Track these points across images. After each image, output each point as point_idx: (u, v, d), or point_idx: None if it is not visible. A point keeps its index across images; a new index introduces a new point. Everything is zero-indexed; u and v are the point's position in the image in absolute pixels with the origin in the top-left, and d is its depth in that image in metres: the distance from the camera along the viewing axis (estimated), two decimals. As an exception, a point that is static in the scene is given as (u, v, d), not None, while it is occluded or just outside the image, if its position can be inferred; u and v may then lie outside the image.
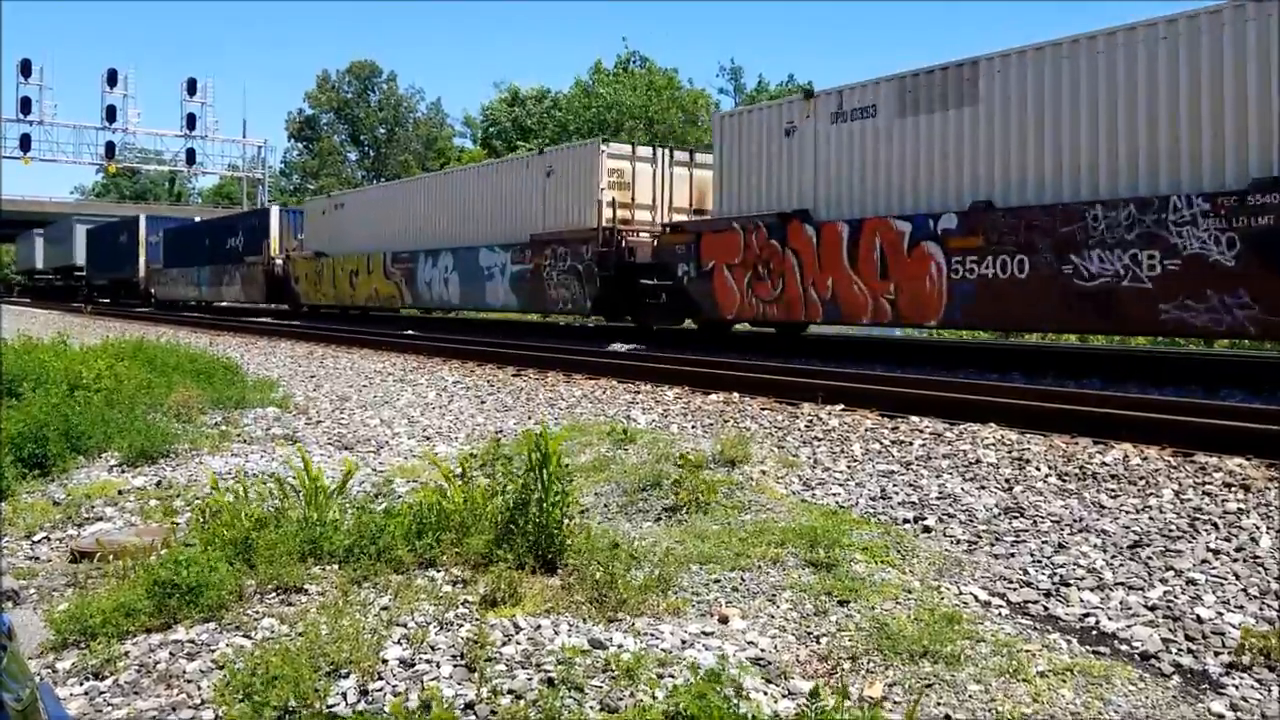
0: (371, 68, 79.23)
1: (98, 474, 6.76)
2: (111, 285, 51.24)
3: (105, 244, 52.13)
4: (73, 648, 3.71)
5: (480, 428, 8.74)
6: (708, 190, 17.64)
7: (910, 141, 12.94)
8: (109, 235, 52.09)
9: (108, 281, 51.31)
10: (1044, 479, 5.97)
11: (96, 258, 53.85)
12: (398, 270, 25.31)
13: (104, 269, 52.17)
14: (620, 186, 18.40)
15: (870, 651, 3.51)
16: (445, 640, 3.49)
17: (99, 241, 53.67)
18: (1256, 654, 3.53)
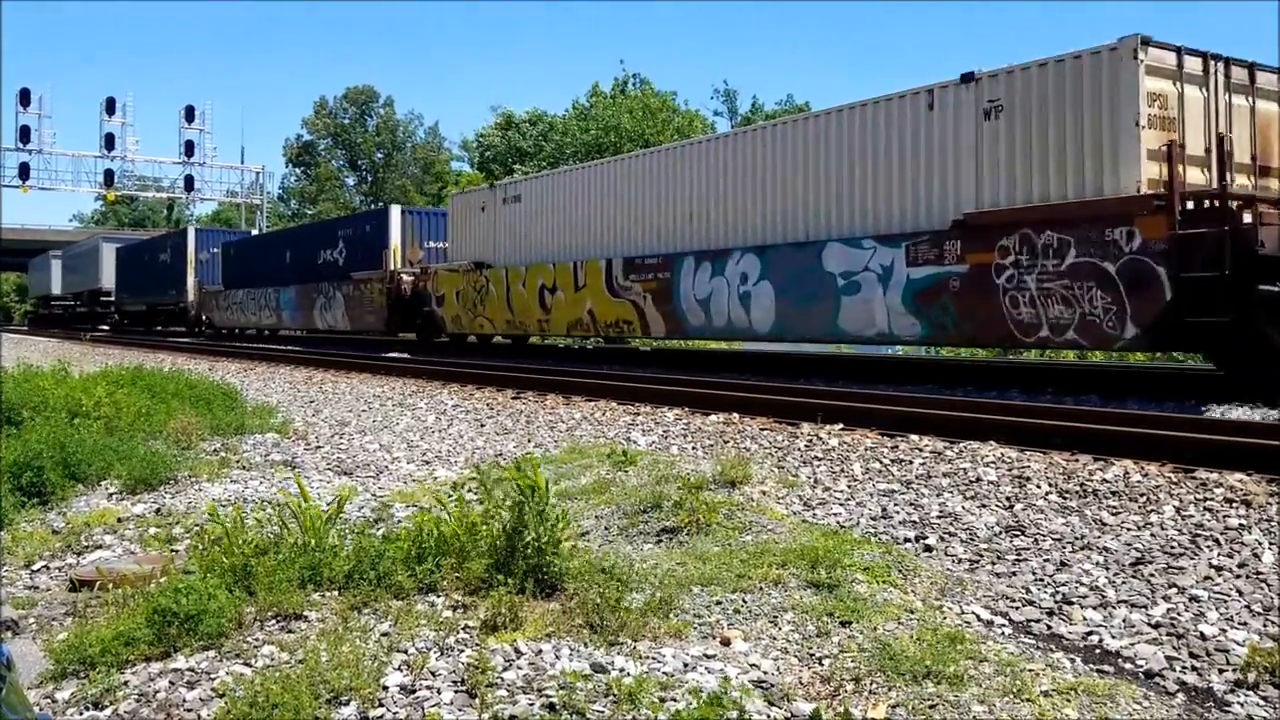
0: (369, 93, 79.58)
1: (97, 502, 6.75)
2: (148, 312, 45.24)
3: (140, 264, 45.96)
4: (72, 677, 3.69)
5: (480, 451, 8.72)
6: (1274, 137, 11.65)
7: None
8: (145, 254, 46.00)
9: (144, 307, 45.29)
10: (1045, 497, 5.96)
11: (129, 280, 47.91)
12: (635, 283, 17.49)
13: (139, 293, 46.11)
14: (1164, 124, 10.70)
15: (873, 672, 3.50)
16: (446, 666, 3.48)
17: (132, 262, 47.64)
18: (1262, 671, 3.51)
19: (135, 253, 48.27)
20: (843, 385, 12.26)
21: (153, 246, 45.85)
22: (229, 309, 36.80)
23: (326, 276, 28.75)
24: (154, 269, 43.63)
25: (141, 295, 45.79)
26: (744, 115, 56.60)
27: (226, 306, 36.90)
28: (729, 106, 58.77)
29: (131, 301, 47.63)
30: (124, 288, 48.78)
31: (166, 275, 41.97)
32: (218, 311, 37.91)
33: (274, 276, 32.41)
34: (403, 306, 24.78)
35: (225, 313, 37.19)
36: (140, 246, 48.80)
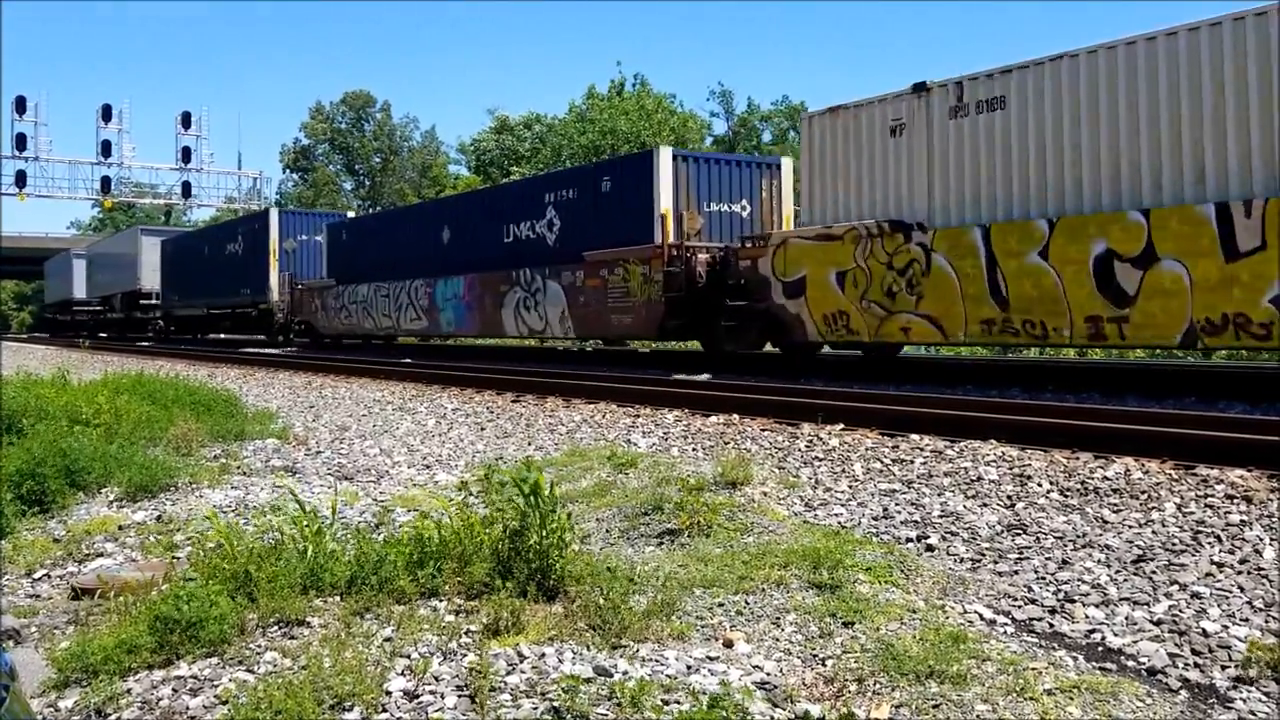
0: (365, 98, 79.60)
1: (98, 509, 6.74)
2: (207, 318, 37.57)
3: (195, 258, 38.25)
4: (75, 686, 3.69)
5: (480, 455, 8.72)
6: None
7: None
8: (203, 246, 37.91)
9: (203, 311, 37.45)
10: (1046, 495, 5.96)
11: (179, 279, 40.16)
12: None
13: (194, 293, 38.28)
14: None
15: (876, 673, 3.50)
16: (449, 671, 3.47)
17: (183, 256, 40.04)
18: (1263, 667, 3.51)
19: (188, 245, 40.57)
20: (843, 385, 12.26)
21: (214, 236, 37.86)
22: (342, 311, 27.80)
23: (525, 260, 20.26)
24: (217, 264, 35.65)
25: (198, 297, 37.84)
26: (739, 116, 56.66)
27: (338, 308, 27.88)
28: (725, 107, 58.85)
29: (183, 305, 39.91)
30: (173, 288, 41.00)
31: (236, 270, 33.79)
32: (323, 314, 28.92)
33: (420, 264, 24.12)
34: (691, 301, 16.28)
35: (336, 316, 28.07)
36: (195, 237, 40.98)
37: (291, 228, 32.29)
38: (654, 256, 16.82)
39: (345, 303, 27.99)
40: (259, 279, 32.19)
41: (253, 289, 32.71)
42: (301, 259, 32.12)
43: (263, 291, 31.90)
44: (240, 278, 33.64)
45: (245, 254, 33.60)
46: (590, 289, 18.50)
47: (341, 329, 28.75)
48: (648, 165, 17.46)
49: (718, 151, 21.31)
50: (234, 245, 34.59)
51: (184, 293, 39.88)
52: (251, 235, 33.16)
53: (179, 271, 40.50)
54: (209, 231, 41.02)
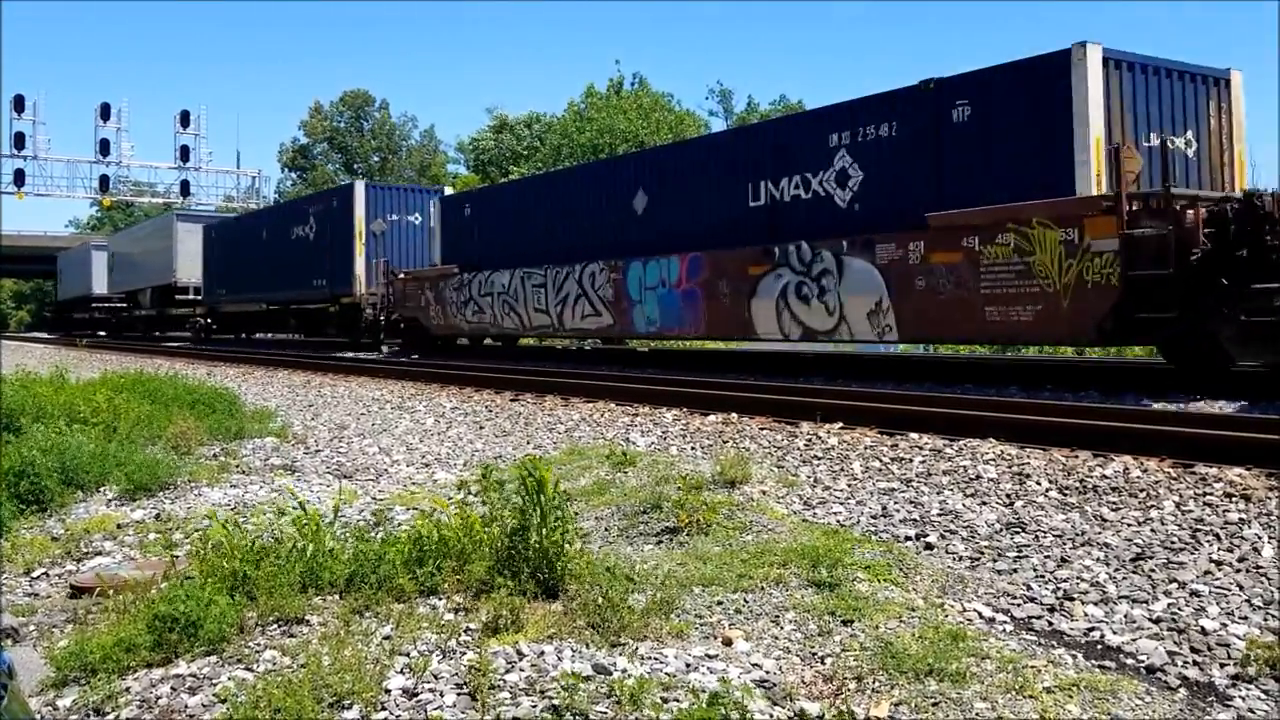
0: (364, 97, 79.58)
1: (96, 508, 6.74)
2: (267, 315, 32.42)
3: (250, 246, 32.63)
4: (73, 685, 3.68)
5: (479, 453, 8.72)
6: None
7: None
8: (260, 231, 32.32)
9: (261, 307, 32.36)
10: (1045, 493, 5.97)
11: (227, 271, 34.81)
12: None
13: (249, 287, 32.83)
14: None
15: (875, 671, 3.50)
16: (448, 669, 3.47)
17: (233, 244, 34.67)
18: (1262, 664, 3.52)
19: (239, 231, 34.84)
20: (841, 384, 12.26)
21: (275, 219, 32.31)
22: (468, 305, 21.76)
23: (794, 230, 14.33)
24: (279, 251, 30.26)
25: (252, 290, 32.53)
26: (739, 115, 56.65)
27: (462, 301, 21.96)
28: (724, 106, 58.86)
29: (231, 300, 34.63)
30: (218, 281, 35.64)
31: (307, 258, 28.38)
32: (437, 310, 22.81)
33: (598, 243, 18.34)
34: (1181, 284, 10.09)
35: (459, 311, 22.07)
36: (248, 222, 35.41)
37: (380, 205, 26.65)
38: (1090, 214, 10.75)
39: (473, 295, 21.67)
40: (340, 268, 26.45)
41: (331, 280, 26.98)
42: (392, 244, 26.56)
43: (345, 283, 26.21)
44: (312, 267, 28.02)
45: (319, 238, 27.90)
46: (941, 268, 12.31)
47: (466, 328, 22.48)
48: (1057, 74, 11.35)
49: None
50: (303, 228, 28.87)
51: (233, 286, 34.23)
52: (328, 216, 27.42)
53: (226, 262, 34.90)
54: (267, 214, 35.37)
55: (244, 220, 37.32)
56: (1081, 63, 11.12)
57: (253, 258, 32.69)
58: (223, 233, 36.61)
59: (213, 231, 37.31)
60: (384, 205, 26.94)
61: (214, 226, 37.75)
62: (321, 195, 31.54)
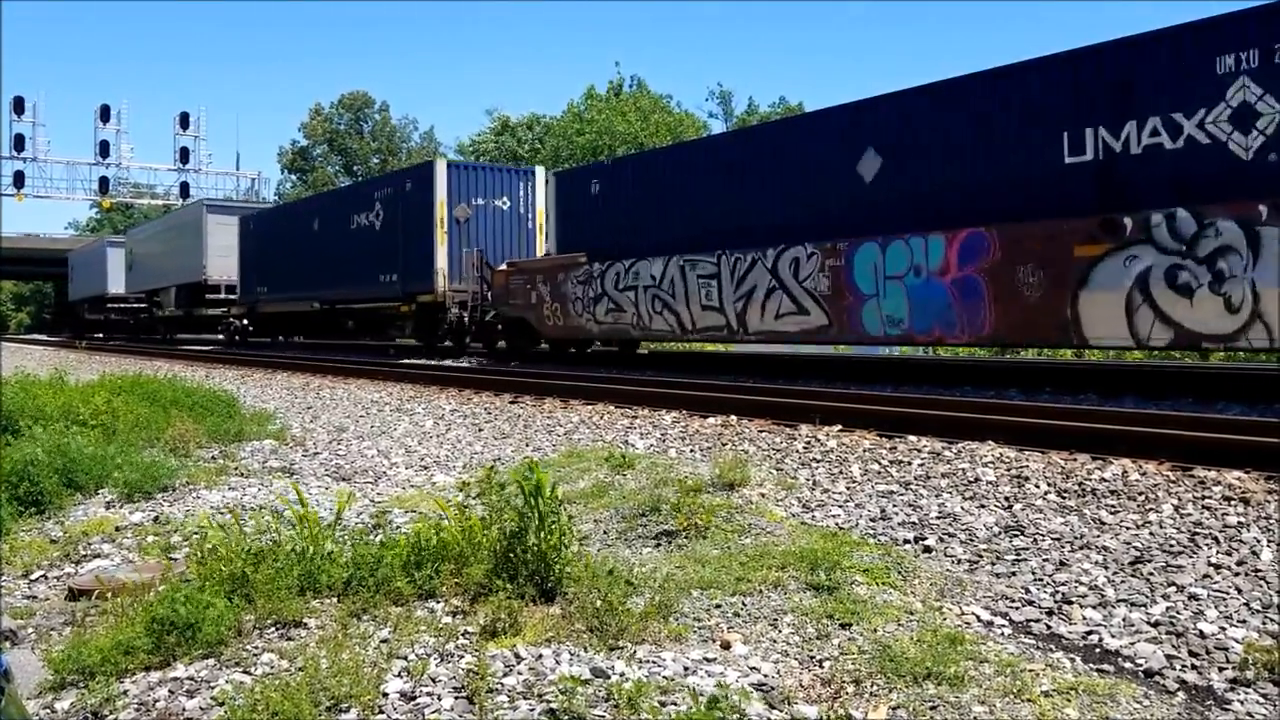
0: (364, 99, 79.64)
1: (94, 510, 6.73)
2: (317, 315, 28.58)
3: (299, 237, 28.92)
4: (71, 687, 3.68)
5: (478, 456, 8.72)
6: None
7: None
8: (312, 220, 28.60)
9: (314, 306, 28.07)
10: (1043, 496, 5.97)
11: (268, 266, 31.14)
12: None
13: (294, 284, 29.13)
14: None
15: (874, 674, 3.50)
16: (446, 672, 3.47)
17: (276, 236, 30.78)
18: (1261, 668, 3.52)
19: (284, 222, 31.03)
20: (840, 386, 12.27)
21: (331, 206, 28.47)
22: (599, 302, 17.86)
23: (1193, 193, 10.15)
24: (336, 243, 26.75)
25: (302, 288, 28.59)
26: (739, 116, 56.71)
27: (591, 298, 18.05)
28: (724, 109, 58.91)
29: (275, 299, 30.70)
30: (259, 278, 31.74)
31: (373, 250, 24.82)
32: (554, 309, 18.89)
33: (803, 222, 14.31)
34: None
35: (585, 310, 18.14)
36: (296, 211, 31.32)
37: (463, 188, 22.65)
38: None
39: (608, 289, 17.74)
40: (416, 261, 22.80)
41: (404, 275, 23.30)
42: (477, 232, 22.71)
43: (423, 278, 22.41)
44: (378, 260, 24.40)
45: (388, 227, 24.34)
46: None
47: (596, 330, 18.24)
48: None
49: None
50: (366, 216, 25.25)
51: (275, 283, 30.41)
52: (400, 201, 23.79)
53: (267, 257, 31.16)
54: (321, 201, 31.18)
55: (290, 209, 33.05)
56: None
57: (300, 251, 28.77)
58: (263, 224, 32.43)
59: (250, 223, 33.03)
60: (467, 187, 22.82)
61: (252, 217, 33.52)
62: (391, 177, 26.81)
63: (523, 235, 23.52)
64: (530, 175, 24.19)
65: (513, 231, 23.49)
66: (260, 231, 32.44)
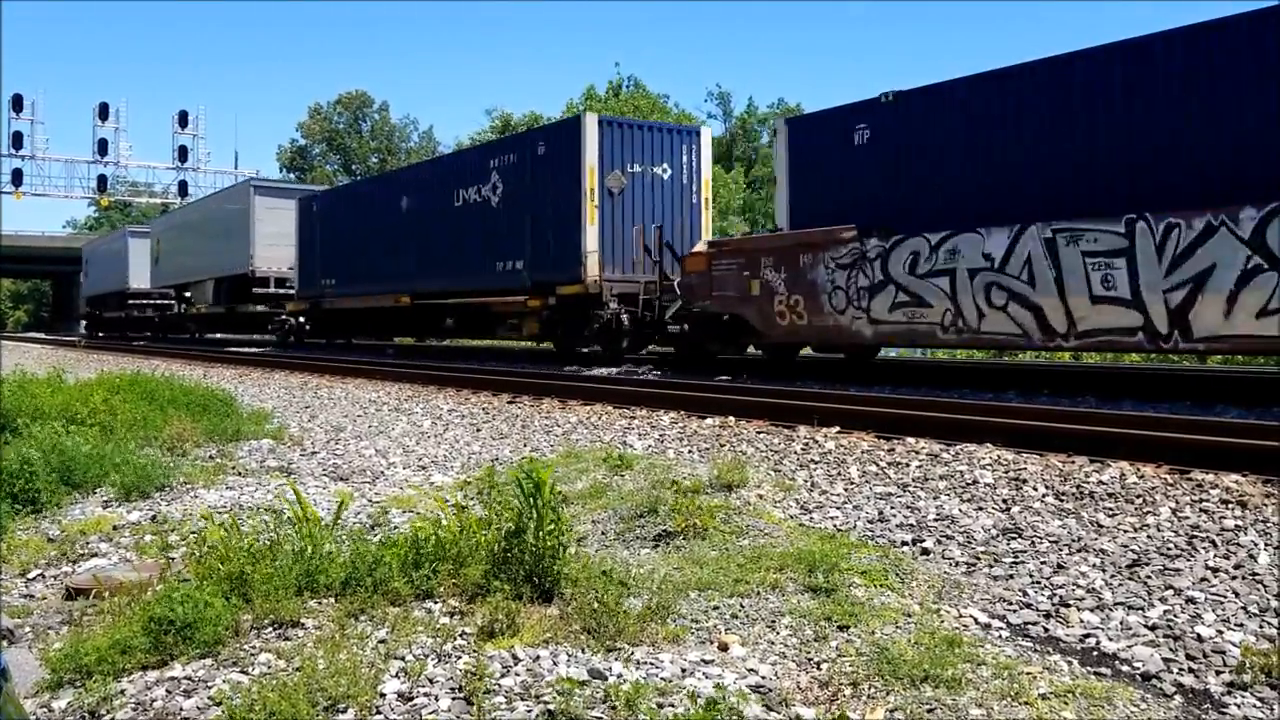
0: (363, 98, 79.63)
1: (92, 509, 6.73)
2: (409, 311, 23.73)
3: (379, 222, 24.77)
4: (68, 687, 3.68)
5: (476, 456, 8.72)
6: None
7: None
8: (395, 200, 24.21)
9: (395, 302, 23.81)
10: (1041, 499, 5.97)
11: (337, 255, 26.83)
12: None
13: (373, 275, 24.84)
14: None
15: (871, 676, 3.50)
16: (443, 673, 3.47)
17: (348, 221, 26.42)
18: (1258, 672, 3.52)
19: (359, 201, 26.39)
20: (839, 388, 12.27)
21: (431, 179, 23.17)
22: (881, 293, 13.03)
23: None
24: (434, 225, 22.37)
25: (387, 281, 24.21)
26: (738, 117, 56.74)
27: (868, 287, 13.22)
28: (723, 109, 58.95)
29: (348, 293, 26.26)
30: (325, 269, 27.36)
31: (487, 232, 20.40)
32: (802, 302, 14.08)
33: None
34: None
35: (861, 303, 13.28)
36: (378, 188, 26.30)
37: (616, 151, 17.94)
38: None
39: (895, 275, 12.90)
40: (553, 242, 18.37)
41: (534, 261, 18.94)
42: (632, 207, 18.04)
43: (565, 265, 17.92)
44: (497, 243, 19.98)
45: (511, 202, 19.71)
46: None
47: (872, 333, 13.31)
48: None
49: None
50: (479, 190, 20.60)
51: (349, 275, 26.13)
52: (529, 169, 19.14)
53: (338, 244, 26.81)
54: (412, 175, 25.41)
55: (367, 186, 28.46)
56: None
57: (382, 237, 24.61)
58: (331, 205, 28.01)
59: (313, 205, 28.70)
60: (620, 150, 18.06)
61: (315, 198, 29.38)
62: (514, 141, 21.16)
63: (686, 211, 18.69)
64: (694, 137, 19.17)
65: (674, 206, 18.63)
66: (327, 214, 27.80)
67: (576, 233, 17.78)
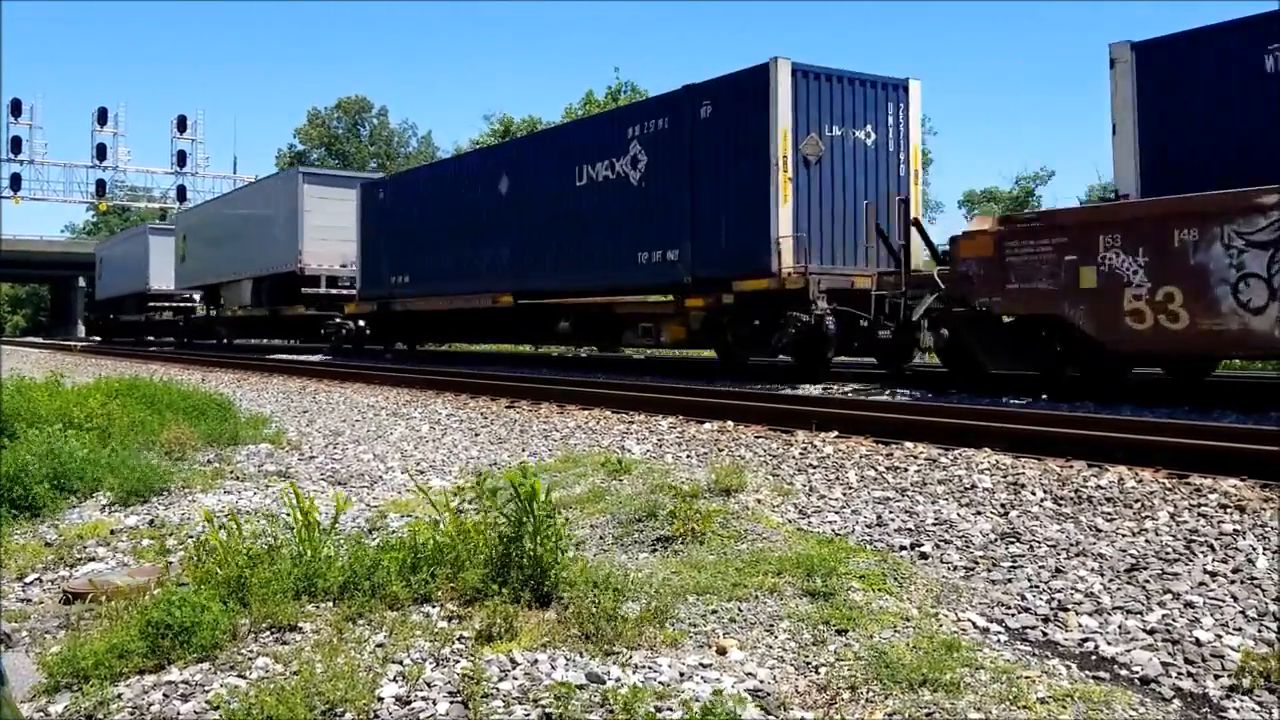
0: (361, 103, 79.66)
1: (89, 514, 6.72)
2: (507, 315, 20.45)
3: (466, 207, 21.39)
4: (65, 691, 3.67)
5: (474, 460, 8.71)
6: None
7: None
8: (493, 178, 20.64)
9: (493, 303, 20.31)
10: (1039, 503, 5.97)
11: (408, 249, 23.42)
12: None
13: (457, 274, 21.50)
14: None
15: (869, 681, 3.49)
16: (441, 677, 3.47)
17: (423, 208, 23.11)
18: (1256, 676, 3.52)
19: (446, 185, 22.65)
20: (837, 392, 12.27)
21: (539, 154, 19.70)
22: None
23: None
24: (544, 207, 19.01)
25: (481, 278, 20.69)
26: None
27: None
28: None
29: (427, 293, 22.78)
30: (396, 265, 23.98)
31: (621, 215, 17.08)
32: (1193, 296, 9.60)
33: None
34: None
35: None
36: (472, 168, 22.16)
37: (811, 109, 14.58)
38: None
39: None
40: (733, 227, 14.96)
41: (700, 249, 15.51)
42: (828, 179, 14.75)
43: (748, 255, 14.52)
44: (641, 229, 16.56)
45: (660, 177, 16.28)
46: None
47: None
48: None
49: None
50: (615, 165, 17.16)
51: (428, 272, 22.70)
52: (688, 135, 15.75)
53: (414, 234, 23.29)
54: (515, 151, 21.50)
55: (452, 167, 24.21)
56: None
57: (473, 226, 21.05)
58: (404, 190, 24.48)
59: (379, 191, 25.32)
60: (816, 108, 14.65)
61: (382, 183, 26.25)
62: (665, 101, 16.78)
63: (892, 183, 15.21)
64: (903, 93, 15.42)
65: (878, 177, 15.16)
66: (397, 202, 24.26)
67: (763, 214, 14.26)
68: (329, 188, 28.66)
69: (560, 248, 18.74)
